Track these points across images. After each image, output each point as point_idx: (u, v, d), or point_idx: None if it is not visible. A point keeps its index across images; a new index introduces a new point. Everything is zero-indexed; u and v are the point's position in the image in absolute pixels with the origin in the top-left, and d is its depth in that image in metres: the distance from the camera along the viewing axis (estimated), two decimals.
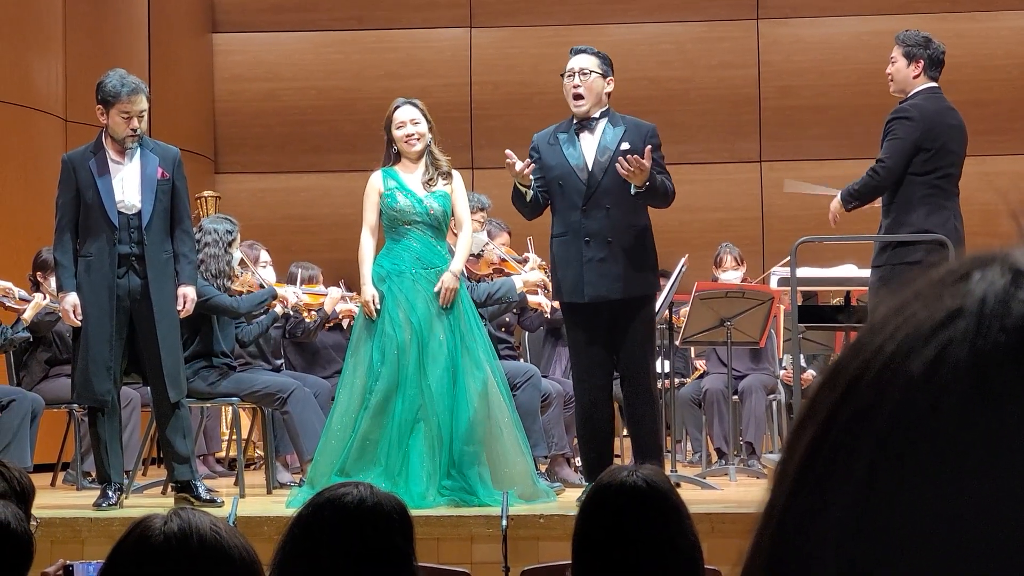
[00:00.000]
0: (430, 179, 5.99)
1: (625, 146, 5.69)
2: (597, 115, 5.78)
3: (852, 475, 0.49)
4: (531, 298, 7.24)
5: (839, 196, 6.01)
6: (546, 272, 7.24)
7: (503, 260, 7.15)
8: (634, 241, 5.71)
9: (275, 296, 6.99)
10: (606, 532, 2.51)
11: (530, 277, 7.08)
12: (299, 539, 2.39)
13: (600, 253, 5.69)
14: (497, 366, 6.10)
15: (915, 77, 6.06)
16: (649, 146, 5.59)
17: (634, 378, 5.76)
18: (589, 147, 5.76)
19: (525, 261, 7.22)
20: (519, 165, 5.61)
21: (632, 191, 5.58)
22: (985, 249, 0.52)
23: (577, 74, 5.75)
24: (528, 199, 5.71)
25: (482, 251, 7.03)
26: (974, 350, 0.48)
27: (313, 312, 7.46)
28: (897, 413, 0.48)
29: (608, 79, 5.81)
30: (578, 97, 5.74)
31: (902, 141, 5.87)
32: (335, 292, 7.50)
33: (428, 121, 6.05)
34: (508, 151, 5.68)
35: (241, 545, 1.82)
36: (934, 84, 6.09)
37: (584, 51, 5.85)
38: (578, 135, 5.77)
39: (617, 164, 5.54)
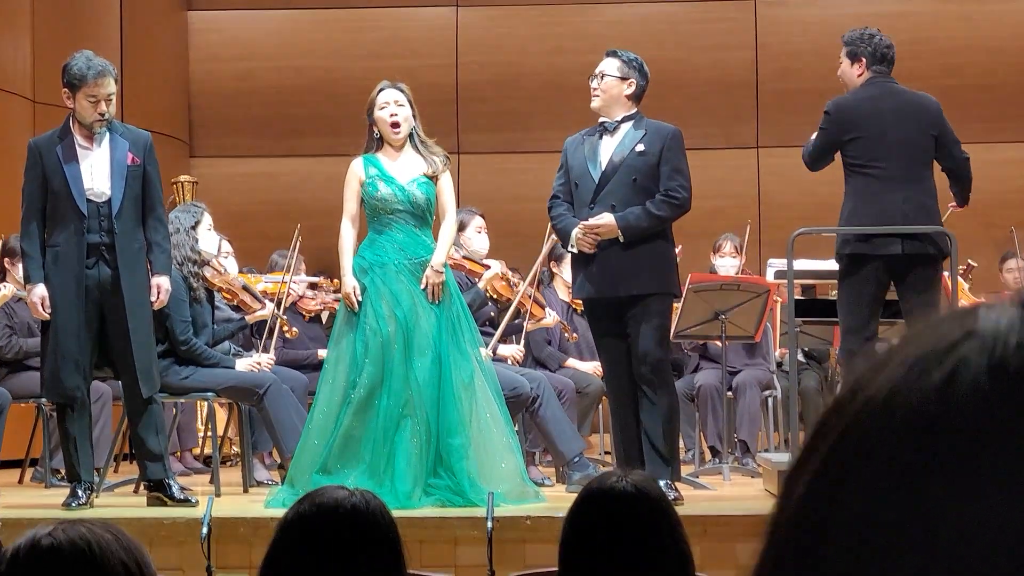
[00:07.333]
0: (434, 172, 5.92)
1: (640, 148, 5.83)
2: (619, 118, 5.90)
3: (862, 487, 0.50)
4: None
5: None
6: (510, 283, 7.15)
7: (464, 259, 6.97)
8: (639, 242, 5.75)
9: (244, 327, 7.04)
10: (594, 539, 2.48)
11: (488, 275, 7.01)
12: (286, 547, 2.34)
13: (601, 251, 5.74)
14: (487, 361, 5.95)
15: (859, 76, 6.03)
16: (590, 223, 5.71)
17: (643, 379, 5.76)
18: (607, 149, 5.89)
19: (487, 268, 7.04)
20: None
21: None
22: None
23: (595, 77, 5.96)
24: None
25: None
26: (990, 364, 0.49)
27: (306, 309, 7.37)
28: (910, 428, 0.49)
29: (628, 81, 5.93)
30: (593, 97, 5.97)
31: (819, 133, 6.02)
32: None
33: (412, 107, 5.91)
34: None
35: (131, 561, 1.78)
36: (877, 75, 5.93)
37: (610, 55, 6.03)
38: (601, 138, 5.92)
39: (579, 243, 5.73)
